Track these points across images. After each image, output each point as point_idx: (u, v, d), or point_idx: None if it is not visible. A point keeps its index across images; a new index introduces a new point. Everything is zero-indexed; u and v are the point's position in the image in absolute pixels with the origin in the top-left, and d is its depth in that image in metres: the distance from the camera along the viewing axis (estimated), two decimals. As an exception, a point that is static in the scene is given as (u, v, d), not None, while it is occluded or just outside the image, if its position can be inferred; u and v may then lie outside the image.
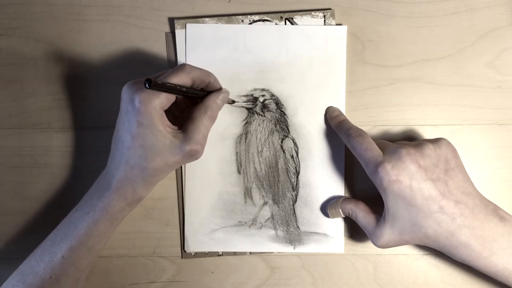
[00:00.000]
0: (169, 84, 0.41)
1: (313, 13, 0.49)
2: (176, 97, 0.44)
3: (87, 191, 0.45)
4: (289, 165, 0.49)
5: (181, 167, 0.49)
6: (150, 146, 0.41)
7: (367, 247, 0.50)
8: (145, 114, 0.41)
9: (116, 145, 0.43)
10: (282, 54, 0.49)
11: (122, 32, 0.50)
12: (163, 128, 0.42)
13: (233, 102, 0.49)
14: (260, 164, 0.49)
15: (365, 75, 0.49)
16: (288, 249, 0.49)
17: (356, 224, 0.47)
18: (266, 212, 0.49)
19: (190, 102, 0.46)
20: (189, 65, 0.43)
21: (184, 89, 0.42)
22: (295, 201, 0.49)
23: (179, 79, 0.42)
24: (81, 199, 0.45)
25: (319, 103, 0.49)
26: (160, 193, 0.50)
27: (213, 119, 0.44)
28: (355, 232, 0.49)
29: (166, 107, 0.42)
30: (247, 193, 0.49)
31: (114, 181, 0.43)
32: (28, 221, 0.50)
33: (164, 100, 0.41)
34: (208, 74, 0.44)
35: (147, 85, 0.38)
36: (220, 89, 0.46)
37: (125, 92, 0.42)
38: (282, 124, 0.49)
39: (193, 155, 0.43)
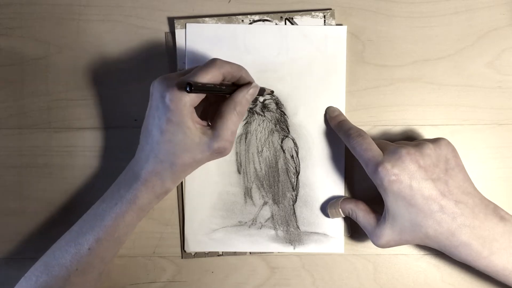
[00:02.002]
0: (208, 85, 0.41)
1: (313, 13, 0.49)
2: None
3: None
4: (289, 165, 0.49)
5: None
6: (179, 142, 0.41)
7: (367, 247, 0.50)
8: (175, 111, 0.40)
9: (146, 138, 0.43)
10: (282, 54, 0.49)
11: (122, 32, 0.50)
12: (193, 125, 0.41)
13: (263, 92, 0.47)
14: (260, 164, 0.49)
15: (365, 75, 0.49)
16: (288, 249, 0.49)
17: (356, 224, 0.47)
18: (266, 212, 0.49)
19: (220, 95, 0.46)
20: (220, 60, 0.42)
21: (224, 87, 0.42)
22: (295, 201, 0.49)
23: (211, 76, 0.41)
24: (107, 189, 0.45)
25: (319, 103, 0.49)
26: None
27: (242, 115, 0.44)
28: (355, 232, 0.49)
29: (196, 104, 0.42)
30: (247, 193, 0.49)
31: (143, 173, 0.43)
32: (28, 221, 0.50)
33: (194, 97, 0.41)
34: (239, 68, 0.44)
35: (188, 89, 0.38)
36: (249, 83, 0.44)
37: (156, 88, 0.42)
38: (282, 124, 0.49)
39: (222, 152, 0.43)
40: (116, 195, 0.43)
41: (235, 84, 0.45)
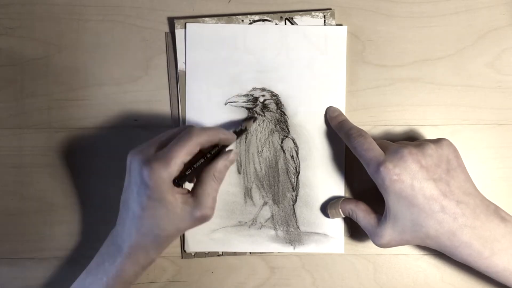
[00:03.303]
0: (192, 171, 0.42)
1: (313, 13, 0.49)
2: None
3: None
4: (289, 165, 0.49)
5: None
6: (161, 216, 0.41)
7: (367, 247, 0.50)
8: (155, 189, 0.40)
9: (126, 211, 0.43)
10: (282, 54, 0.49)
11: (122, 32, 0.50)
12: (173, 198, 0.41)
13: (245, 133, 0.48)
14: (260, 164, 0.49)
15: (365, 75, 0.49)
16: (288, 249, 0.49)
17: (356, 224, 0.47)
18: (266, 212, 0.49)
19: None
20: (196, 130, 0.42)
21: (205, 159, 0.43)
22: (295, 201, 0.49)
23: (188, 150, 0.41)
24: (92, 260, 0.44)
25: (319, 103, 0.49)
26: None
27: (221, 180, 0.44)
28: (355, 232, 0.49)
29: (175, 176, 0.42)
30: (247, 193, 0.49)
31: (126, 247, 0.42)
32: (28, 221, 0.50)
33: (173, 172, 0.41)
34: (216, 132, 0.44)
35: (178, 182, 0.40)
36: (230, 151, 0.45)
37: (133, 163, 0.41)
38: (282, 124, 0.49)
39: (204, 220, 0.43)
40: (101, 269, 0.43)
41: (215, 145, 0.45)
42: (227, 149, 0.45)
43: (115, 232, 0.44)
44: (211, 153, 0.44)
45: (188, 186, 0.46)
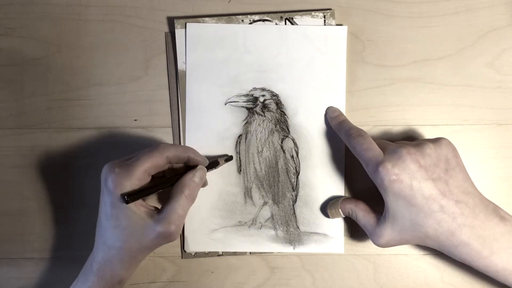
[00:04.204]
0: (145, 191, 0.41)
1: (313, 13, 0.49)
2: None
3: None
4: (289, 165, 0.49)
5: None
6: (124, 227, 0.41)
7: (367, 247, 0.50)
8: (117, 195, 0.40)
9: (98, 225, 0.43)
10: (282, 54, 0.49)
11: (122, 32, 0.50)
12: (137, 208, 0.41)
13: (216, 166, 0.47)
14: (260, 164, 0.49)
15: (365, 75, 0.49)
16: (288, 249, 0.49)
17: (356, 224, 0.47)
18: (266, 212, 0.49)
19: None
20: (164, 144, 0.43)
21: (165, 183, 0.43)
22: (295, 201, 0.49)
23: (154, 161, 0.42)
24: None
25: (319, 103, 0.49)
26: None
27: (191, 198, 0.43)
28: (355, 232, 0.49)
29: (138, 187, 0.41)
30: (247, 193, 0.49)
31: (95, 263, 0.43)
32: (28, 221, 0.50)
33: (135, 180, 0.41)
34: (185, 150, 0.44)
35: (126, 199, 0.40)
36: (195, 166, 0.44)
37: (103, 172, 0.42)
38: (282, 124, 0.49)
39: (168, 236, 0.42)
40: None
41: (187, 165, 0.45)
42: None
43: (92, 252, 0.44)
44: (174, 176, 0.44)
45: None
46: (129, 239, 0.42)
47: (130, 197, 0.40)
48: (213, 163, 0.47)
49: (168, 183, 0.44)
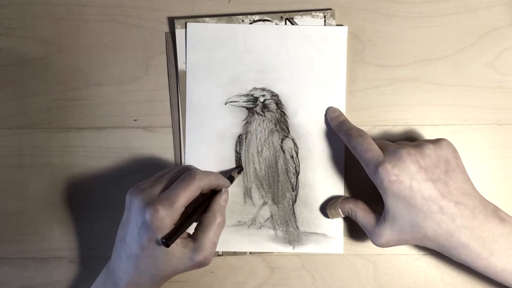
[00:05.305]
0: (182, 229, 0.41)
1: (313, 13, 0.49)
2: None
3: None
4: (289, 165, 0.49)
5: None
6: (160, 258, 0.41)
7: (367, 247, 0.50)
8: (157, 230, 0.40)
9: (124, 249, 0.42)
10: (282, 54, 0.49)
11: (122, 32, 0.50)
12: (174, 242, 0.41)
13: (232, 181, 0.48)
14: (260, 164, 0.49)
15: (365, 75, 0.49)
16: (287, 249, 0.49)
17: (355, 224, 0.47)
18: (266, 212, 0.49)
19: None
20: (199, 173, 0.43)
21: (194, 215, 0.43)
22: (294, 201, 0.49)
23: (191, 194, 0.42)
24: None
25: (319, 103, 0.49)
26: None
27: (223, 223, 0.44)
28: (354, 232, 0.49)
29: (177, 220, 0.42)
30: (247, 193, 0.49)
31: (123, 284, 0.42)
32: (28, 221, 0.50)
33: (175, 215, 0.41)
34: (216, 177, 0.44)
35: (167, 242, 0.39)
36: (220, 190, 0.46)
37: (134, 204, 0.41)
38: (282, 124, 0.49)
39: (203, 264, 0.43)
40: None
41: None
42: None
43: (111, 266, 0.44)
44: (203, 204, 0.45)
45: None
46: (165, 267, 0.42)
47: (170, 240, 0.40)
48: (229, 179, 0.47)
49: (200, 211, 0.44)
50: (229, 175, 0.47)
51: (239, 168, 0.49)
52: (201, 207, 0.44)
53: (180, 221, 0.42)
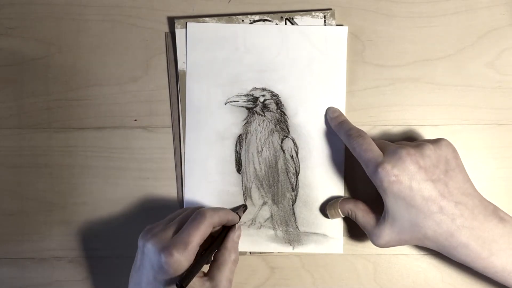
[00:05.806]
0: (197, 268, 0.41)
1: (313, 13, 0.49)
2: None
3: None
4: (289, 165, 0.49)
5: (181, 166, 0.49)
6: None
7: (367, 247, 0.50)
8: (173, 274, 0.40)
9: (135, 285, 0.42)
10: (282, 54, 0.49)
11: (122, 32, 0.50)
12: (191, 283, 0.41)
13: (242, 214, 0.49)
14: (259, 164, 0.49)
15: (365, 75, 0.49)
16: (287, 249, 0.49)
17: (355, 224, 0.47)
18: (266, 212, 0.49)
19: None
20: (208, 212, 0.43)
21: (209, 254, 0.43)
22: (294, 201, 0.49)
23: (204, 234, 0.41)
24: None
25: (319, 103, 0.49)
26: (160, 193, 0.50)
27: (237, 260, 0.44)
28: (354, 232, 0.49)
29: (192, 261, 0.41)
30: (247, 193, 0.49)
31: None
32: (28, 221, 0.50)
33: (191, 256, 0.40)
34: (226, 213, 0.45)
35: (183, 285, 0.38)
36: (233, 226, 0.46)
37: (147, 246, 0.41)
38: (282, 124, 0.49)
39: None
40: None
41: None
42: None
43: None
44: (216, 242, 0.44)
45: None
46: None
47: (185, 282, 0.39)
48: (240, 212, 0.48)
49: (214, 249, 0.44)
50: (236, 212, 0.47)
51: (244, 207, 0.49)
52: (215, 245, 0.44)
53: (194, 261, 0.41)
